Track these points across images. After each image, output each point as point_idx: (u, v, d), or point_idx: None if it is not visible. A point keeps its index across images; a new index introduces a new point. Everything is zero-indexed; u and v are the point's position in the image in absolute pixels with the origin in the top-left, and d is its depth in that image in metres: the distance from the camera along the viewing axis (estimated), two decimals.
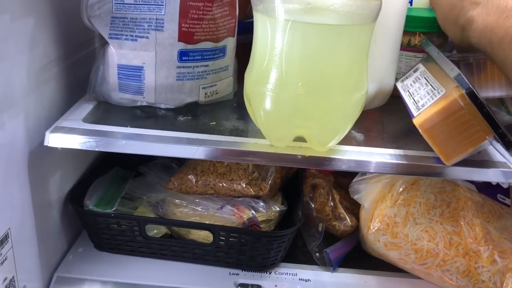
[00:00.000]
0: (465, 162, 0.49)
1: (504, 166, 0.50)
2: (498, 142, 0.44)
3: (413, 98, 0.50)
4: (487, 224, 0.60)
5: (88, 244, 0.67)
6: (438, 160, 0.49)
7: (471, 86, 0.42)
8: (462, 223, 0.60)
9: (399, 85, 0.56)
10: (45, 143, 0.52)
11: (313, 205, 0.71)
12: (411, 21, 0.63)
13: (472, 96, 0.42)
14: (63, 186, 0.65)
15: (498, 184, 0.62)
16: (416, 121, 0.47)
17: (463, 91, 0.43)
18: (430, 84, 0.49)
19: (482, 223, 0.59)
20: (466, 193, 0.62)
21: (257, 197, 0.67)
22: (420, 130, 0.47)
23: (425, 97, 0.47)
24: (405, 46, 0.65)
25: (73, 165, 0.68)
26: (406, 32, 0.63)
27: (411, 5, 0.72)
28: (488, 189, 0.63)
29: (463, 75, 0.43)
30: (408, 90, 0.52)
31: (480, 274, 0.58)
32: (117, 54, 0.56)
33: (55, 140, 0.52)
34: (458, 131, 0.45)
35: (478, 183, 0.63)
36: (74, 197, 0.65)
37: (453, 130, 0.45)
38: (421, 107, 0.47)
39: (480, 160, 0.51)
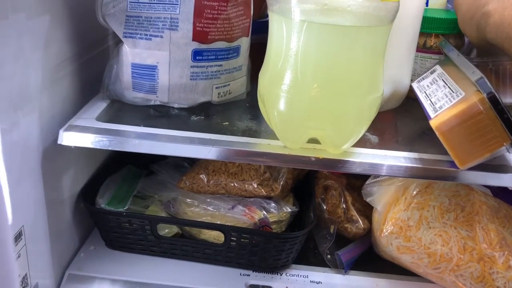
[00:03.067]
0: (481, 167, 0.49)
1: None
2: None
3: (430, 99, 0.49)
4: (503, 230, 0.59)
5: (100, 242, 0.67)
6: (452, 164, 0.48)
7: (493, 91, 0.42)
8: (476, 228, 0.59)
9: (415, 86, 0.55)
10: (59, 142, 0.52)
11: (325, 207, 0.71)
12: (427, 22, 0.63)
13: (493, 101, 0.42)
14: (76, 184, 0.65)
15: None
16: (433, 123, 0.46)
17: (484, 95, 0.42)
18: (449, 87, 0.48)
19: (497, 228, 0.59)
20: (481, 197, 0.61)
21: (268, 197, 0.67)
22: (436, 133, 0.46)
23: (443, 99, 0.47)
24: (421, 48, 0.65)
25: (86, 163, 0.68)
26: (421, 33, 0.63)
27: (427, 6, 0.71)
28: (504, 194, 0.62)
29: (485, 79, 0.43)
30: (424, 91, 0.52)
31: (495, 280, 0.57)
32: (131, 53, 0.56)
33: (69, 138, 0.52)
34: (475, 135, 0.44)
35: (494, 187, 0.62)
36: (86, 195, 0.65)
37: (470, 134, 0.44)
38: (438, 109, 0.46)
39: (496, 165, 0.50)
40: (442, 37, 0.63)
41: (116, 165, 0.74)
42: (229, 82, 0.60)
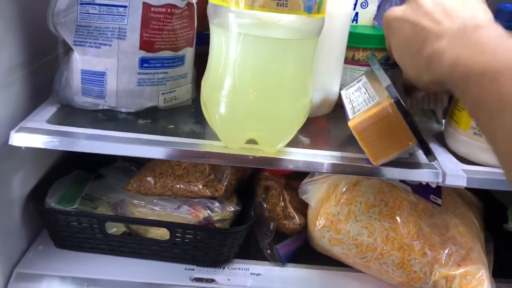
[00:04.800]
0: (397, 163, 0.56)
1: (431, 167, 0.57)
2: (419, 148, 0.50)
3: (352, 104, 0.56)
4: (420, 221, 0.66)
5: (48, 242, 0.69)
6: (369, 161, 0.54)
7: (398, 96, 0.48)
8: (398, 220, 0.66)
9: (343, 93, 0.61)
10: (10, 142, 0.54)
11: (265, 206, 0.76)
12: (355, 37, 0.69)
13: (398, 104, 0.49)
14: (25, 185, 0.67)
15: (430, 186, 0.68)
16: (350, 123, 0.53)
17: (392, 100, 0.49)
18: (368, 93, 0.55)
19: (416, 220, 0.66)
20: (402, 194, 0.68)
21: (213, 198, 0.71)
22: (353, 132, 0.52)
23: (362, 104, 0.53)
24: (350, 60, 0.71)
25: (35, 166, 0.70)
26: (350, 47, 0.69)
27: (356, 22, 0.78)
28: (422, 191, 0.69)
29: (392, 86, 0.49)
30: (349, 98, 0.58)
31: (413, 265, 0.64)
32: (81, 60, 0.60)
33: (20, 139, 0.54)
34: (386, 135, 0.51)
35: (413, 185, 0.70)
36: (36, 196, 0.67)
37: (381, 134, 0.51)
38: (356, 112, 0.53)
39: (412, 162, 0.58)
40: (369, 51, 0.70)
41: (65, 169, 0.76)
42: (175, 88, 0.65)
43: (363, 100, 0.54)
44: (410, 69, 0.50)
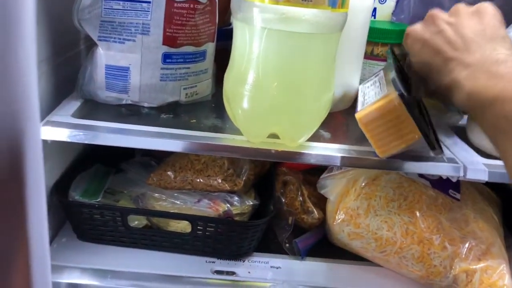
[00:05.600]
0: (418, 158, 0.56)
1: (452, 161, 0.57)
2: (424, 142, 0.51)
3: (364, 97, 0.56)
4: (439, 216, 0.66)
5: (71, 235, 0.70)
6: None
7: (401, 89, 0.48)
8: (417, 215, 0.66)
9: (360, 88, 0.62)
10: None
11: (284, 200, 0.77)
12: (374, 32, 0.70)
13: (402, 97, 0.49)
14: (49, 179, 0.68)
15: (449, 181, 0.69)
16: (357, 115, 0.53)
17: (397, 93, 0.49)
18: (380, 87, 0.55)
19: (435, 214, 0.66)
20: (421, 188, 0.68)
21: (232, 192, 0.72)
22: (359, 124, 0.53)
23: (372, 97, 0.53)
24: (369, 55, 0.72)
25: (58, 160, 0.72)
26: (369, 42, 0.70)
27: (374, 18, 0.79)
28: (441, 185, 0.69)
29: (397, 79, 0.49)
30: (363, 91, 0.58)
31: (432, 259, 0.64)
32: (106, 55, 0.61)
33: (46, 133, 0.55)
34: (392, 128, 0.51)
35: (432, 180, 0.70)
36: (59, 190, 0.69)
37: (388, 127, 0.51)
38: (365, 104, 0.53)
39: (433, 156, 0.57)
40: (387, 46, 0.71)
41: (85, 164, 0.78)
42: (196, 83, 0.66)
43: (374, 93, 0.54)
44: (431, 83, 0.52)
